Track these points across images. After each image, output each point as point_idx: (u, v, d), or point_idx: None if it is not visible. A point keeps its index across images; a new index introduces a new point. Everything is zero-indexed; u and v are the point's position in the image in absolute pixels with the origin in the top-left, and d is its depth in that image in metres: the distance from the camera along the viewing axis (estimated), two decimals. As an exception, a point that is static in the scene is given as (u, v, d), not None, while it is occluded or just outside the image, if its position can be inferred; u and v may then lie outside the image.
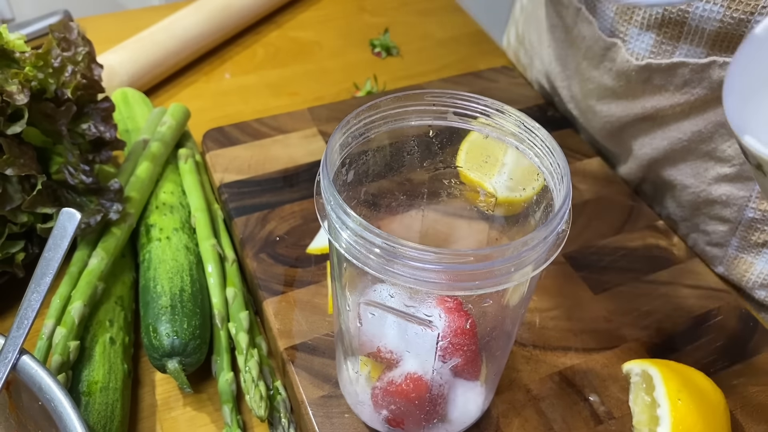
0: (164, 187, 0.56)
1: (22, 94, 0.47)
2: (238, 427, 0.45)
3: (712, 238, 0.57)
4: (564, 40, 0.63)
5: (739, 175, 0.53)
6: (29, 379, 0.37)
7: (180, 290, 0.48)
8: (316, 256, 0.52)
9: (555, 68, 0.67)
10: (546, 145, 0.35)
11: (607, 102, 0.60)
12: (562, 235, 0.32)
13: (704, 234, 0.58)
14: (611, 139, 0.63)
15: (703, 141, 0.54)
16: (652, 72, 0.54)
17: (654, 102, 0.56)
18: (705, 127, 0.53)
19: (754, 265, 0.55)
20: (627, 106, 0.58)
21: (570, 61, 0.64)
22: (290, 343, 0.46)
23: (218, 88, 0.74)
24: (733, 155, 0.53)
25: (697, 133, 0.54)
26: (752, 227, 0.54)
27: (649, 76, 0.54)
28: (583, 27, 0.59)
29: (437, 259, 0.28)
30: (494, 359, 0.39)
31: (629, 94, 0.57)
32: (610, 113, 0.60)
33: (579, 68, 0.62)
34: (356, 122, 0.36)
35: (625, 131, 0.60)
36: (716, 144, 0.53)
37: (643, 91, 0.56)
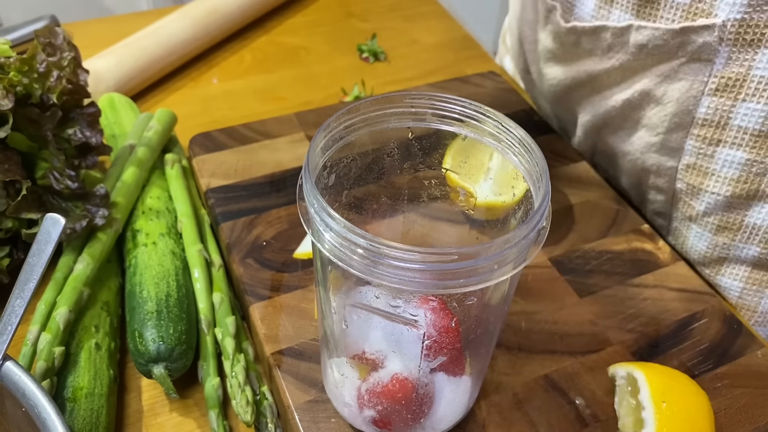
0: (151, 192, 0.56)
1: (6, 100, 0.46)
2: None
3: (655, 208, 0.60)
4: (529, 3, 0.66)
5: (664, 144, 0.55)
6: (13, 385, 0.37)
7: (166, 295, 0.48)
8: (303, 261, 0.52)
9: (525, 31, 0.69)
10: (524, 144, 0.35)
11: (551, 65, 0.63)
12: (543, 232, 0.32)
13: (649, 203, 0.61)
14: (559, 105, 0.66)
15: (633, 109, 0.56)
16: (579, 35, 0.57)
17: (586, 66, 0.58)
18: (632, 96, 0.55)
19: (689, 239, 0.57)
20: (565, 70, 0.61)
21: (530, 26, 0.67)
22: (276, 348, 0.46)
23: (205, 94, 0.74)
24: (657, 123, 0.54)
25: (626, 102, 0.56)
26: (682, 200, 0.56)
27: (578, 39, 0.57)
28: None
29: (421, 259, 0.28)
30: (478, 357, 0.39)
31: (566, 57, 0.60)
32: (554, 76, 0.63)
33: (535, 31, 0.65)
34: (337, 125, 0.36)
35: (568, 96, 0.63)
36: (644, 111, 0.55)
37: (576, 55, 0.59)
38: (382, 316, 0.34)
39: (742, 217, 0.53)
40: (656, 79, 0.53)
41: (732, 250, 0.55)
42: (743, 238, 0.54)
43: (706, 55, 0.49)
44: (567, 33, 0.58)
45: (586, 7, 0.56)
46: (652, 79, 0.54)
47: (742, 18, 0.46)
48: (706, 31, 0.48)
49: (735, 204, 0.53)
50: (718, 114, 0.51)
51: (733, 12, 0.46)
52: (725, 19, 0.47)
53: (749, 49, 0.47)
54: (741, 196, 0.52)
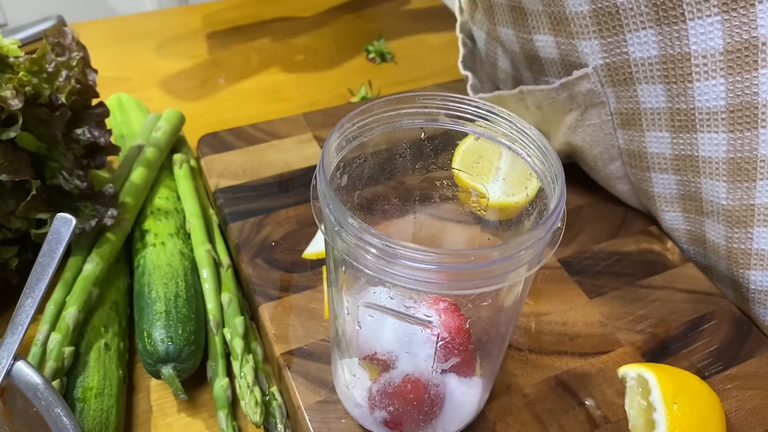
0: (159, 193, 0.56)
1: (16, 99, 0.46)
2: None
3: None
4: None
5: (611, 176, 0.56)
6: (24, 385, 0.37)
7: (175, 296, 0.48)
8: (312, 261, 0.52)
9: None
10: (538, 144, 0.35)
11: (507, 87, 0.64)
12: (557, 233, 0.32)
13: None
14: None
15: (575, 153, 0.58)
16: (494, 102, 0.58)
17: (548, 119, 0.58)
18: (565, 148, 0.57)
19: None
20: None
21: None
22: (286, 349, 0.46)
23: (213, 94, 0.74)
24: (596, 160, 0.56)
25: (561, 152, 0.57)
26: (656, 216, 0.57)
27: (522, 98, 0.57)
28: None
29: (437, 260, 0.28)
30: (490, 359, 0.39)
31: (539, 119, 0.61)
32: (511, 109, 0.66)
33: None
34: (350, 125, 0.36)
35: None
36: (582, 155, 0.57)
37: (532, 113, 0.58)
38: (395, 317, 0.34)
39: (702, 232, 0.53)
40: (569, 132, 0.55)
41: (708, 260, 0.55)
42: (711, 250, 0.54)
43: (597, 98, 0.51)
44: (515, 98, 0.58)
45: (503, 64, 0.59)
46: (566, 132, 0.55)
47: (606, 63, 0.49)
48: (584, 80, 0.51)
49: (690, 218, 0.54)
50: (635, 144, 0.52)
51: (596, 59, 0.49)
52: (594, 66, 0.49)
53: (627, 87, 0.49)
54: (691, 211, 0.53)
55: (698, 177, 0.50)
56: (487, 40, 0.60)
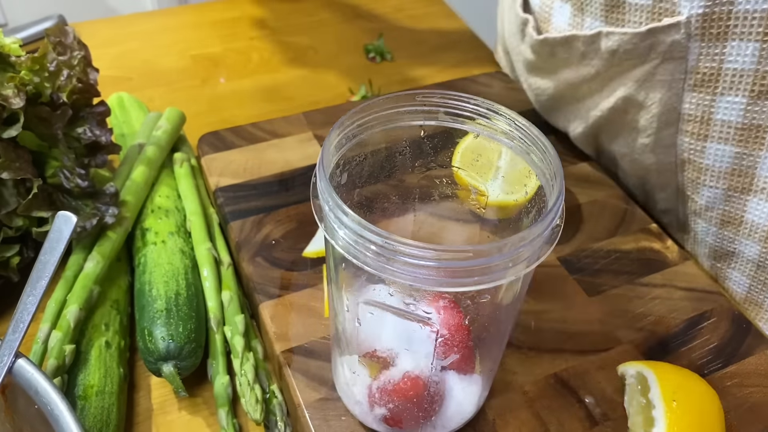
0: (160, 191, 0.56)
1: (17, 98, 0.47)
2: (234, 430, 0.44)
3: (662, 206, 0.60)
4: (512, 19, 0.66)
5: (658, 143, 0.55)
6: (25, 382, 0.37)
7: (175, 294, 0.48)
8: (312, 260, 0.52)
9: (511, 43, 0.68)
10: (537, 142, 0.35)
11: (534, 76, 0.63)
12: (556, 230, 0.32)
13: (656, 202, 0.60)
14: (552, 115, 0.65)
15: (619, 114, 0.56)
16: (552, 45, 0.57)
17: (566, 76, 0.58)
18: (616, 103, 0.55)
19: (697, 233, 0.56)
20: (548, 81, 0.61)
21: (513, 39, 0.66)
22: (286, 347, 0.46)
23: (213, 93, 0.74)
24: (646, 125, 0.54)
25: (612, 110, 0.56)
26: (685, 194, 0.56)
27: (552, 50, 0.57)
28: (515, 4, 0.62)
29: (436, 256, 0.28)
30: (489, 356, 0.39)
31: (546, 68, 0.60)
32: (539, 86, 0.63)
33: (516, 42, 0.65)
34: (350, 123, 0.36)
35: (557, 107, 0.63)
36: (630, 116, 0.55)
37: (555, 65, 0.59)
38: (395, 314, 0.34)
39: (742, 213, 0.53)
40: (634, 85, 0.53)
41: (737, 245, 0.54)
42: (745, 234, 0.53)
43: (678, 53, 0.49)
44: (541, 44, 0.58)
45: (562, 17, 0.56)
46: (631, 85, 0.54)
47: (704, 12, 0.47)
48: (673, 29, 0.49)
49: (733, 198, 0.53)
50: (701, 109, 0.51)
51: (695, 8, 0.47)
52: (689, 15, 0.47)
53: (717, 42, 0.48)
54: (737, 189, 0.52)
55: (761, 150, 0.49)
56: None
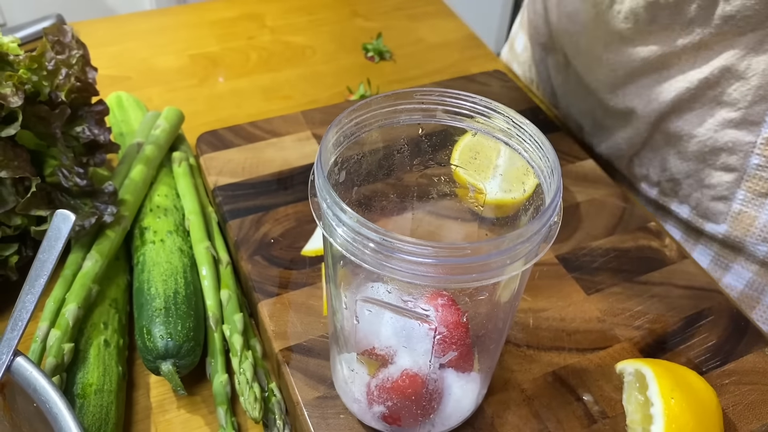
0: (158, 190, 0.56)
1: (16, 97, 0.47)
2: (232, 428, 0.44)
3: (717, 192, 0.58)
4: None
5: (745, 119, 0.53)
6: (24, 380, 0.37)
7: (174, 292, 0.48)
8: (311, 258, 0.52)
9: (565, 24, 0.66)
10: (535, 140, 0.35)
11: (614, 48, 0.60)
12: (554, 227, 0.32)
13: (709, 188, 0.58)
14: (616, 93, 0.62)
15: (709, 87, 0.54)
16: (659, 9, 0.54)
17: (660, 44, 0.55)
18: (711, 73, 0.53)
19: (758, 218, 0.55)
20: (633, 51, 0.58)
21: (581, 15, 0.64)
22: (285, 345, 0.46)
23: (212, 92, 0.74)
24: (738, 98, 0.52)
25: (703, 81, 0.54)
26: (756, 175, 0.54)
27: (656, 15, 0.54)
28: None
29: (434, 253, 0.28)
30: (487, 354, 0.39)
31: (636, 38, 0.57)
32: (617, 60, 0.60)
33: (587, 18, 0.62)
34: (348, 121, 0.36)
35: (630, 83, 0.60)
36: (722, 88, 0.53)
37: (649, 33, 0.56)
38: (393, 312, 0.34)
39: None
40: (740, 53, 0.51)
41: None
42: None
43: None
44: (645, 7, 0.54)
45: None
46: (735, 53, 0.51)
47: None
48: None
49: None
50: None
51: None
52: None
53: None
54: None
55: None
56: None
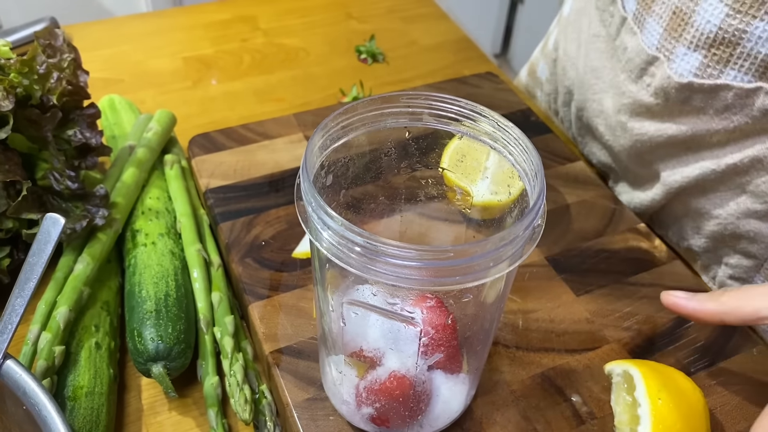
0: (150, 193, 0.57)
1: (6, 101, 0.47)
2: (223, 430, 0.45)
3: (735, 272, 0.56)
4: (604, 50, 0.61)
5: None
6: (13, 383, 0.37)
7: (165, 295, 0.48)
8: (302, 261, 0.52)
9: (589, 79, 0.63)
10: (519, 143, 0.35)
11: (641, 119, 0.58)
12: (538, 229, 0.32)
13: (728, 267, 0.57)
14: (638, 160, 0.61)
15: (737, 173, 0.52)
16: (693, 92, 0.52)
17: (691, 125, 0.53)
18: (741, 161, 0.51)
19: None
20: (661, 127, 0.56)
21: (606, 73, 0.61)
22: (275, 347, 0.47)
23: (205, 95, 0.74)
24: (766, 191, 0.51)
25: (731, 166, 0.52)
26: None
27: (689, 96, 0.52)
28: (626, 38, 0.56)
29: (418, 256, 0.29)
30: (475, 354, 0.40)
31: (665, 114, 0.55)
32: (643, 131, 0.58)
33: (615, 81, 0.59)
34: (334, 125, 0.36)
35: (655, 153, 0.58)
36: (751, 178, 0.52)
37: (680, 112, 0.54)
38: (379, 314, 0.34)
39: None
40: None
41: None
42: None
43: None
44: (678, 89, 0.52)
45: (686, 64, 0.52)
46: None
47: None
48: None
49: None
50: None
51: None
52: None
53: None
54: None
55: None
56: None
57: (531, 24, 2.05)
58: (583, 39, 0.65)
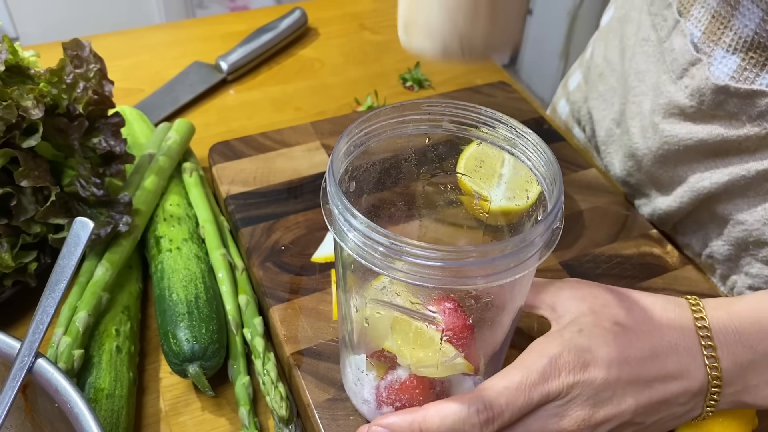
0: (170, 200, 0.58)
1: (37, 109, 0.48)
2: (255, 429, 0.46)
3: (755, 282, 0.56)
4: (651, 54, 0.61)
5: None
6: (45, 381, 0.39)
7: (195, 297, 0.49)
8: (321, 265, 0.53)
9: (632, 81, 0.64)
10: (538, 148, 0.36)
11: (673, 121, 0.58)
12: (556, 232, 0.33)
13: (747, 276, 0.57)
14: (665, 164, 0.60)
15: (767, 179, 0.53)
16: (728, 95, 0.52)
17: (722, 129, 0.54)
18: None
19: None
20: (693, 129, 0.56)
21: (650, 76, 0.61)
22: (296, 349, 0.48)
23: (222, 104, 0.76)
24: None
25: (762, 172, 0.52)
26: None
27: (724, 100, 0.52)
28: (676, 39, 0.56)
29: (441, 257, 0.30)
30: (492, 356, 0.41)
31: (698, 117, 0.55)
32: (673, 133, 0.58)
33: (657, 82, 0.59)
34: (358, 131, 0.37)
35: (683, 157, 0.58)
36: None
37: (713, 117, 0.54)
38: (402, 314, 0.35)
39: None
40: None
41: None
42: None
43: None
44: (715, 91, 0.52)
45: (723, 67, 0.52)
46: None
47: None
48: None
49: None
50: None
51: None
52: None
53: None
54: None
55: None
56: None
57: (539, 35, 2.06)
58: (629, 44, 0.65)
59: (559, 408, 0.37)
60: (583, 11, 1.88)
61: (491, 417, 0.36)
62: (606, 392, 0.37)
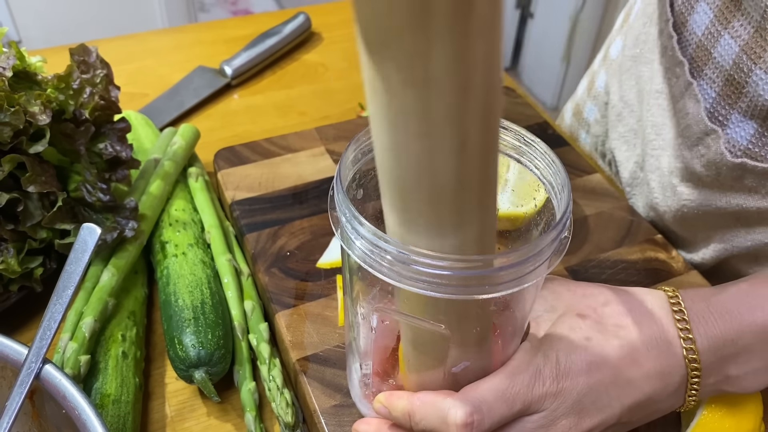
0: (175, 205, 0.58)
1: (44, 115, 0.48)
2: (261, 434, 0.46)
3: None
4: (666, 108, 0.58)
5: None
6: (53, 387, 0.39)
7: (201, 303, 0.49)
8: (326, 271, 0.53)
9: (650, 134, 0.61)
10: (546, 157, 0.36)
11: (691, 186, 0.56)
12: (564, 241, 0.33)
13: None
14: (685, 224, 0.60)
15: None
16: (745, 171, 0.50)
17: (741, 200, 0.52)
18: None
19: None
20: (710, 197, 0.55)
21: (666, 131, 0.59)
22: (302, 355, 0.48)
23: (227, 109, 0.76)
24: None
25: None
26: None
27: (742, 175, 0.51)
28: (689, 103, 0.54)
29: (448, 265, 0.30)
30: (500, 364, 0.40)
31: (716, 186, 0.54)
32: (692, 198, 0.56)
33: (674, 142, 0.57)
34: (366, 139, 0.37)
35: (703, 220, 0.57)
36: None
37: (731, 188, 0.53)
38: (409, 322, 0.35)
39: None
40: None
41: None
42: None
43: None
44: (731, 168, 0.51)
45: (742, 131, 0.50)
46: None
47: None
48: None
49: None
50: None
51: None
52: None
53: None
54: None
55: None
56: None
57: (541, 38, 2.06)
58: (645, 90, 0.62)
59: (545, 419, 0.37)
60: (585, 15, 1.88)
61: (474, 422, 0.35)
62: (589, 397, 0.37)
